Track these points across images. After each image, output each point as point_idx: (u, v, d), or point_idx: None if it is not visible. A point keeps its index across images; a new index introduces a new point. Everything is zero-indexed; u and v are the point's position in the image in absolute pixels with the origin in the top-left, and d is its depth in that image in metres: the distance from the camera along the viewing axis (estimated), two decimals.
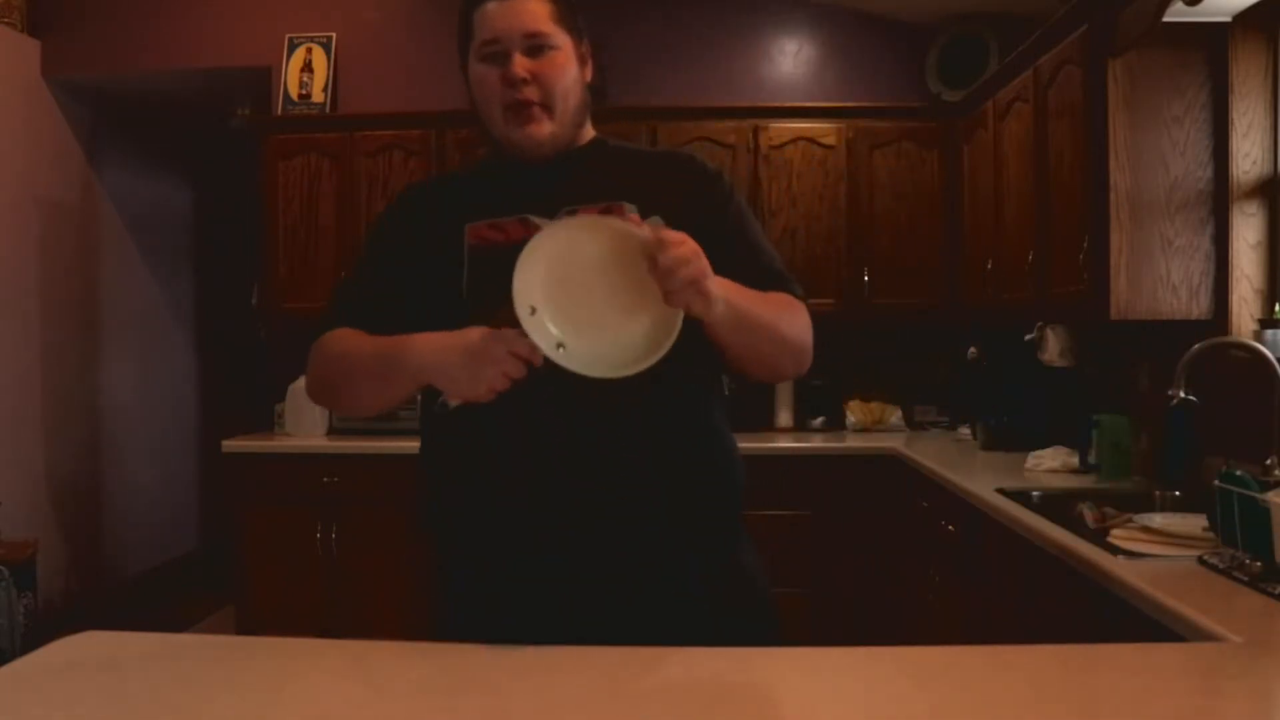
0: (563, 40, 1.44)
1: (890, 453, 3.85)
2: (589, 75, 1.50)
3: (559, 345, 1.22)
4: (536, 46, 1.42)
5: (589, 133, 1.54)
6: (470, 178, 1.55)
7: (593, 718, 1.09)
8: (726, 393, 1.57)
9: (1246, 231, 2.65)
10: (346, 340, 1.44)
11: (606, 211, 1.43)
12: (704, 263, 1.22)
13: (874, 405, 4.40)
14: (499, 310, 1.28)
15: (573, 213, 1.43)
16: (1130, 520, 2.16)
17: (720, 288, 1.26)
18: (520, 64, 1.41)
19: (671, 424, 1.41)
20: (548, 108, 1.43)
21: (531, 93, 1.42)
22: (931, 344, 4.49)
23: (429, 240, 1.46)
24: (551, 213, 1.43)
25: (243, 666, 1.26)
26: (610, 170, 1.50)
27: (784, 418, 4.39)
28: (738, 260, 1.45)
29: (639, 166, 1.54)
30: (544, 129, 1.44)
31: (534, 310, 1.22)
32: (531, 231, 1.40)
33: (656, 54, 4.59)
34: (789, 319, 1.44)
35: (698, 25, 4.63)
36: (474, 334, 1.24)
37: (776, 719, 1.11)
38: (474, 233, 1.44)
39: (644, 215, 1.43)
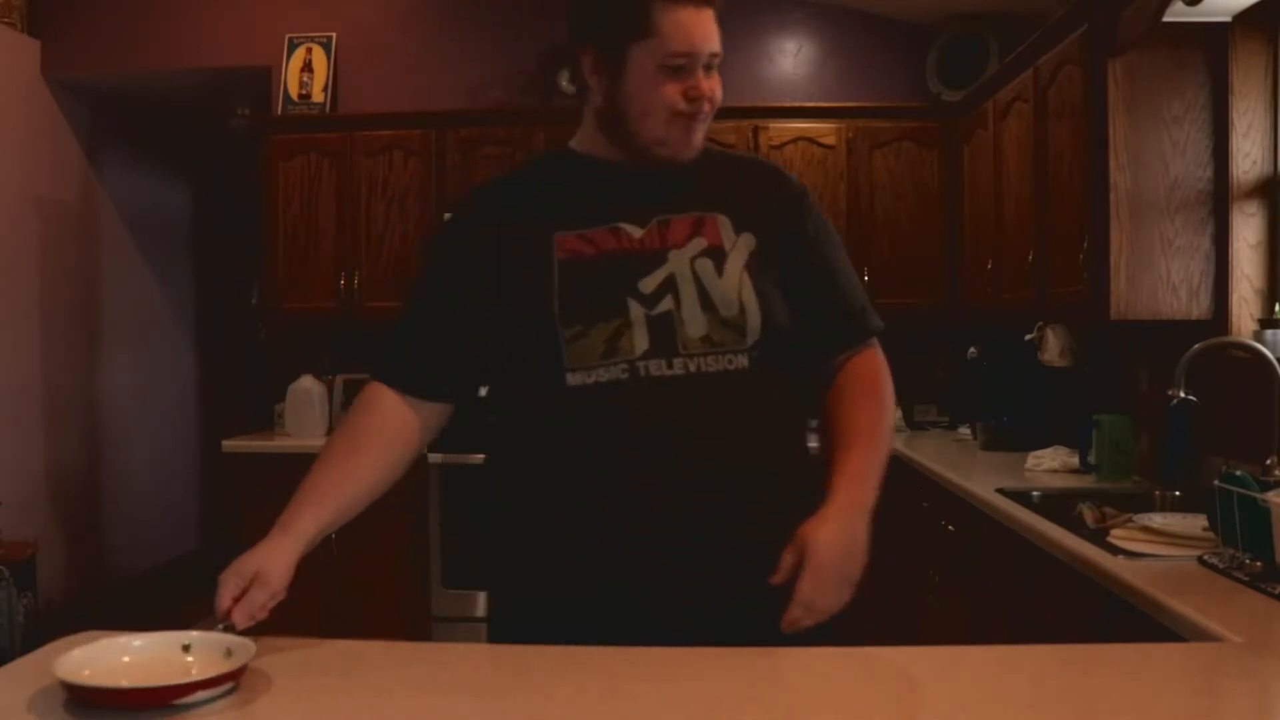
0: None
1: (890, 453, 3.85)
2: None
3: None
4: (712, 66, 1.40)
5: None
6: (552, 180, 1.49)
7: (591, 718, 1.09)
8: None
9: (1246, 231, 2.64)
10: (340, 427, 1.47)
11: (699, 223, 1.41)
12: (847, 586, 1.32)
13: None
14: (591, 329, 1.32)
15: (665, 223, 1.41)
16: (1130, 520, 2.16)
17: (854, 508, 1.34)
18: (704, 83, 1.38)
19: (769, 448, 1.41)
20: (708, 119, 1.42)
21: (709, 107, 1.40)
22: (931, 344, 4.49)
23: (512, 250, 1.41)
24: (644, 220, 1.41)
25: None
26: (703, 177, 1.47)
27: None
28: (813, 294, 1.46)
29: (730, 173, 1.51)
30: (701, 139, 1.43)
31: None
32: (623, 242, 1.40)
33: None
34: (886, 414, 1.49)
35: None
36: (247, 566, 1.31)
37: (777, 719, 1.11)
38: (563, 245, 1.39)
39: (736, 228, 1.42)
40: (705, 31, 1.37)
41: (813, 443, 1.52)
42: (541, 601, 1.40)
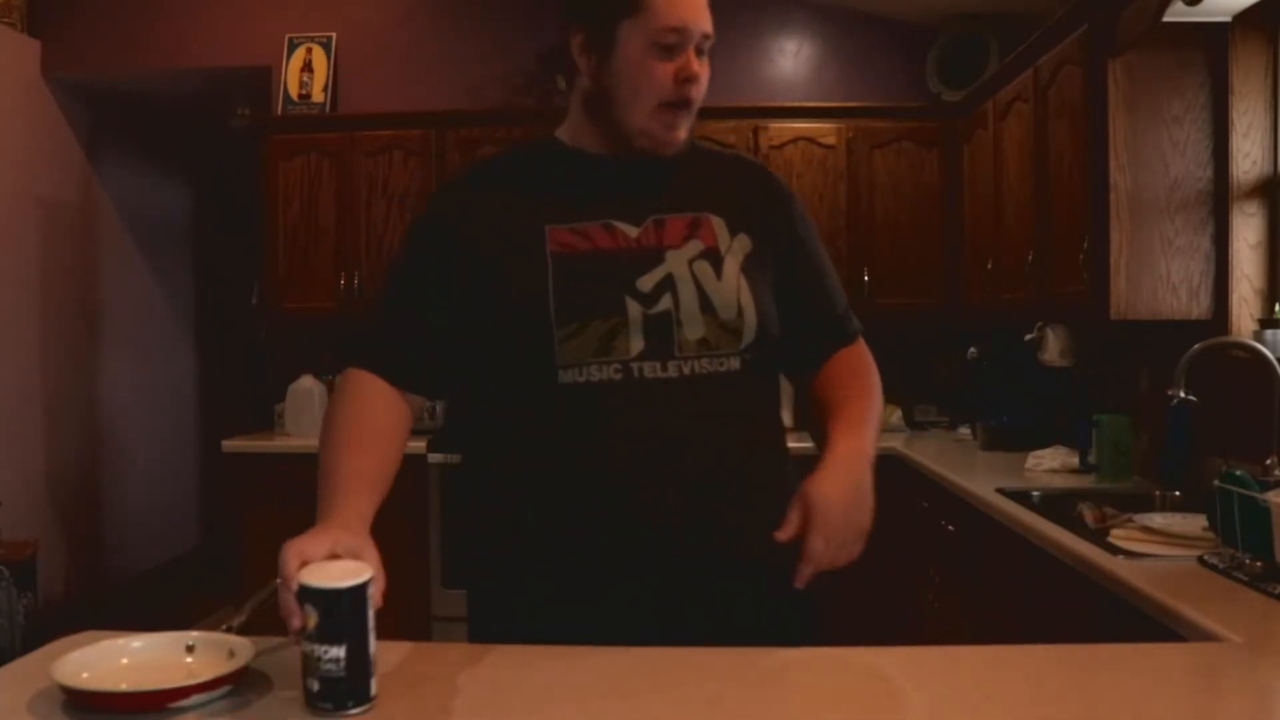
0: None
1: (890, 453, 3.85)
2: None
3: None
4: (703, 49, 1.37)
5: None
6: (540, 170, 1.44)
7: (591, 717, 1.09)
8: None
9: (1246, 231, 2.65)
10: (342, 416, 1.34)
11: (695, 224, 1.39)
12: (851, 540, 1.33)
13: None
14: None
15: (660, 223, 1.38)
16: (1130, 520, 2.16)
17: (854, 456, 1.33)
18: (696, 63, 1.34)
19: (758, 450, 1.40)
20: (693, 112, 1.39)
21: (696, 93, 1.36)
22: (931, 344, 4.49)
23: (500, 242, 1.36)
24: (638, 219, 1.38)
25: None
26: (695, 175, 1.44)
27: (784, 417, 4.38)
28: (802, 296, 1.46)
29: (720, 173, 1.48)
30: (685, 134, 1.39)
31: None
32: (619, 240, 1.37)
33: None
34: (874, 392, 1.46)
35: None
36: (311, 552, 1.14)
37: (776, 719, 1.11)
38: (556, 238, 1.35)
39: (731, 230, 1.40)
40: (698, 8, 1.34)
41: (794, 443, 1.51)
42: (525, 602, 1.37)
